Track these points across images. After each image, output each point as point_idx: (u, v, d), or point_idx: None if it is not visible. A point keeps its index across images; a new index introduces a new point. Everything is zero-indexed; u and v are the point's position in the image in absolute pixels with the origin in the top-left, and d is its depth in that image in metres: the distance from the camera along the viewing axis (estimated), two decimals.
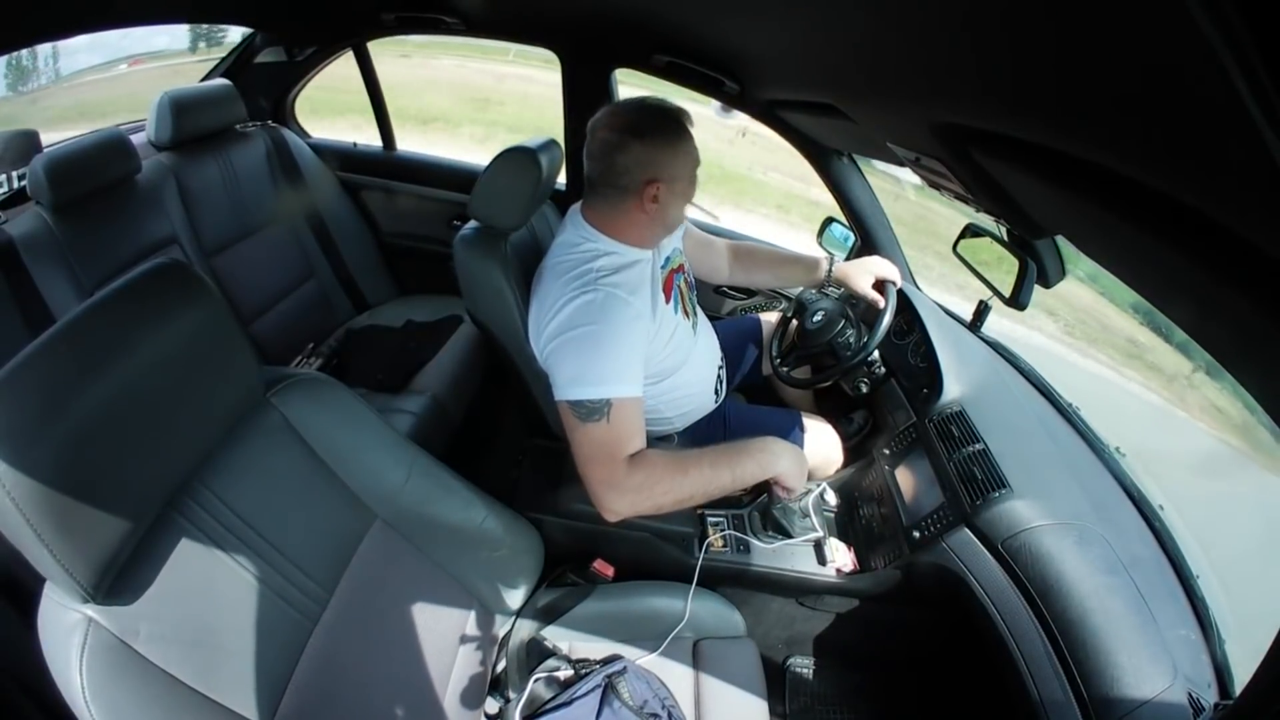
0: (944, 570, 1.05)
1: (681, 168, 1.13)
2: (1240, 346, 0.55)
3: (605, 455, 1.04)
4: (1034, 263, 1.16)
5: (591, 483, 1.05)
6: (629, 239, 1.17)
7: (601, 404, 1.03)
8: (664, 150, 1.10)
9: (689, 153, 1.13)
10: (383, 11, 1.85)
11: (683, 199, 1.16)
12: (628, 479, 1.04)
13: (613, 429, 1.04)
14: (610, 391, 1.04)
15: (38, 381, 0.58)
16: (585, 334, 1.06)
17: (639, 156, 1.10)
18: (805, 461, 1.20)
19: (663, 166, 1.11)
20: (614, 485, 1.04)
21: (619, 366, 1.06)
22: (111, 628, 0.65)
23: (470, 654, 1.06)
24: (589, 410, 1.03)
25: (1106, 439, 1.29)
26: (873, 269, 1.48)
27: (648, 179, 1.10)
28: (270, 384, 0.88)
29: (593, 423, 1.03)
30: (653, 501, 1.06)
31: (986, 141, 0.72)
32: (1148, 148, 0.45)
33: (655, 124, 1.11)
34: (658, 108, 1.13)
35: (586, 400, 1.03)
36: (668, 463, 1.08)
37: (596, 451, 1.04)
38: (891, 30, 0.65)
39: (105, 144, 1.53)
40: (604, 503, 1.05)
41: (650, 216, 1.14)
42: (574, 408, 1.04)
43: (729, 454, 1.12)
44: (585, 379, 1.04)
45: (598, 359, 1.05)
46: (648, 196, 1.11)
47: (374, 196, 2.30)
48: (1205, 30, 0.28)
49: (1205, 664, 0.93)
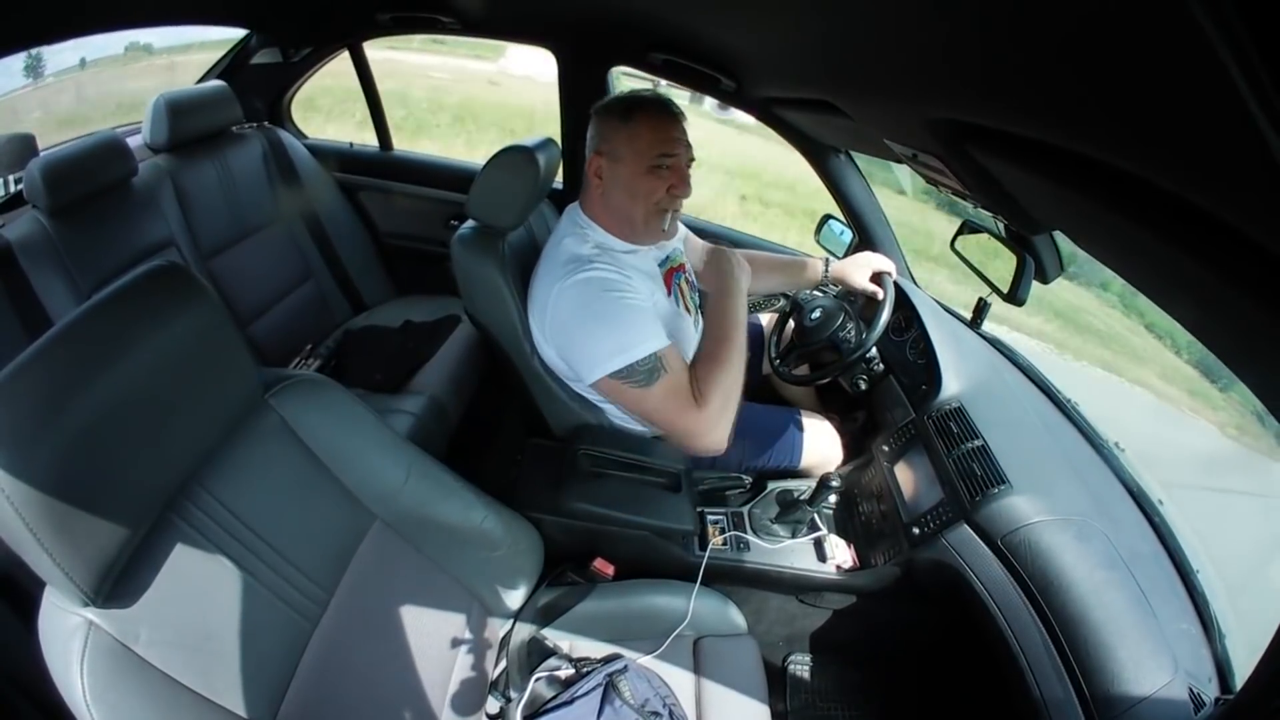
0: (943, 566, 1.05)
1: (624, 146, 1.13)
2: (1241, 343, 0.55)
3: (685, 401, 1.08)
4: (1032, 258, 1.16)
5: (687, 433, 1.08)
6: (608, 227, 1.19)
7: (653, 359, 1.06)
8: (609, 124, 1.15)
9: (637, 135, 1.12)
10: (378, 12, 1.84)
11: (628, 187, 1.14)
12: (711, 410, 1.08)
13: (674, 376, 1.08)
14: (653, 345, 1.06)
15: (35, 385, 0.58)
16: (595, 310, 1.07)
17: (593, 129, 1.17)
18: (738, 258, 1.26)
19: (604, 139, 1.15)
20: (708, 423, 1.08)
21: (644, 324, 1.08)
22: (112, 631, 0.65)
23: (471, 654, 1.06)
24: (647, 371, 1.05)
25: (1105, 434, 1.29)
26: (868, 263, 1.49)
27: (593, 151, 1.16)
28: (268, 385, 0.87)
29: (657, 381, 1.06)
30: (733, 409, 1.11)
31: (984, 137, 0.72)
32: (1147, 144, 0.45)
33: (615, 102, 1.16)
34: (630, 93, 1.18)
35: (637, 363, 1.05)
36: (713, 370, 1.11)
37: (677, 403, 1.07)
38: (888, 26, 0.65)
39: (102, 147, 1.52)
40: (709, 444, 1.09)
41: (599, 196, 1.18)
42: (627, 377, 1.05)
43: (719, 321, 1.17)
44: (623, 346, 1.06)
45: (621, 324, 1.07)
46: (592, 168, 1.16)
47: (371, 197, 2.30)
48: (1205, 27, 0.28)
49: (1206, 659, 0.93)
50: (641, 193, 1.14)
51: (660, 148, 1.13)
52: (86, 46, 3.81)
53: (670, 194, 1.15)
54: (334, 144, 2.32)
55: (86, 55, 4.33)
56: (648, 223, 1.17)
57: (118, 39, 4.22)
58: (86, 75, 4.63)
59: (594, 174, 1.16)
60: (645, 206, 1.15)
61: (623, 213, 1.17)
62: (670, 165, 1.14)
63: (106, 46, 4.57)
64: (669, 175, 1.14)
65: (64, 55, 4.15)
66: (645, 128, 1.13)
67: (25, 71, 3.70)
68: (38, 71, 3.93)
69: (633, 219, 1.17)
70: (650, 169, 1.13)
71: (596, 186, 1.17)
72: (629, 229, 1.20)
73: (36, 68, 3.86)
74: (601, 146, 1.15)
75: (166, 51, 4.72)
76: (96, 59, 4.69)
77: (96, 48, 4.32)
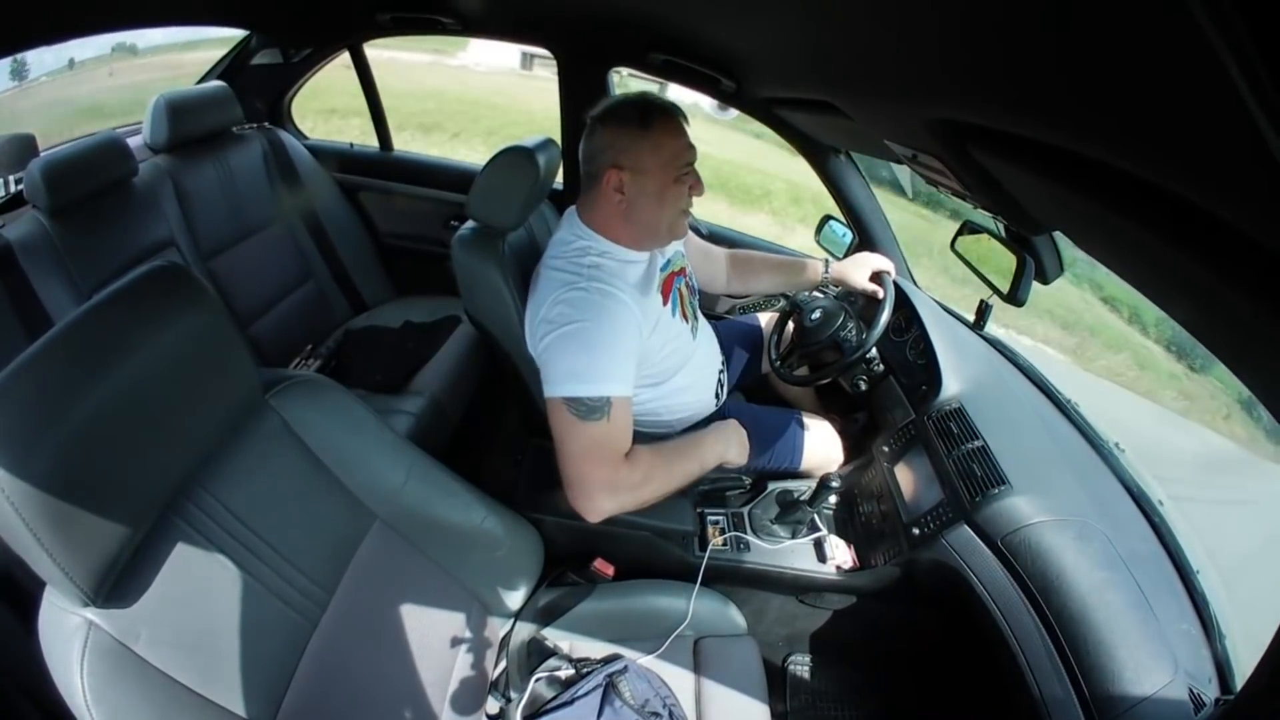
0: (944, 567, 1.05)
1: (650, 159, 1.09)
2: (1241, 343, 0.55)
3: (607, 454, 1.04)
4: (1032, 259, 1.16)
5: (587, 483, 1.03)
6: (618, 238, 1.16)
7: (602, 402, 1.02)
8: (626, 136, 1.09)
9: (662, 146, 1.09)
10: (378, 12, 1.84)
11: (657, 198, 1.12)
12: (627, 477, 1.04)
13: (613, 428, 1.03)
14: (610, 389, 1.03)
15: (36, 386, 0.58)
16: (578, 329, 1.05)
17: (602, 140, 1.11)
18: (744, 438, 1.24)
19: (623, 152, 1.09)
20: (612, 484, 1.03)
21: (615, 364, 1.05)
22: (112, 631, 0.65)
23: (471, 654, 1.06)
24: (590, 408, 1.02)
25: (1106, 435, 1.29)
26: (868, 263, 1.49)
27: (609, 164, 1.10)
28: (268, 386, 0.88)
29: (593, 421, 1.02)
30: (640, 498, 1.07)
31: (984, 138, 0.72)
32: (1147, 144, 0.45)
33: (625, 111, 1.10)
34: (637, 98, 1.12)
35: (586, 398, 1.02)
36: (654, 458, 1.09)
37: (597, 451, 1.03)
38: (889, 27, 0.65)
39: (102, 147, 1.52)
40: (596, 503, 1.03)
41: (620, 211, 1.13)
42: (572, 405, 1.02)
43: (692, 445, 1.16)
44: (584, 375, 1.03)
45: (595, 356, 1.04)
46: (611, 184, 1.10)
47: (371, 197, 2.30)
48: (1205, 27, 0.28)
49: (1206, 659, 0.93)
50: (669, 201, 1.13)
51: (684, 155, 1.12)
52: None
53: (691, 195, 1.15)
54: (334, 144, 2.33)
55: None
56: (673, 228, 1.17)
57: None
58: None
59: (614, 189, 1.11)
60: (672, 213, 1.14)
61: (649, 223, 1.15)
62: (691, 169, 1.14)
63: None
64: (689, 178, 1.14)
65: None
66: (667, 136, 1.10)
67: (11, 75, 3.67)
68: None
69: (658, 228, 1.16)
70: (677, 178, 1.12)
71: (618, 201, 1.12)
72: (651, 237, 1.18)
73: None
74: (621, 160, 1.09)
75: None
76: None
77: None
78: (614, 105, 1.12)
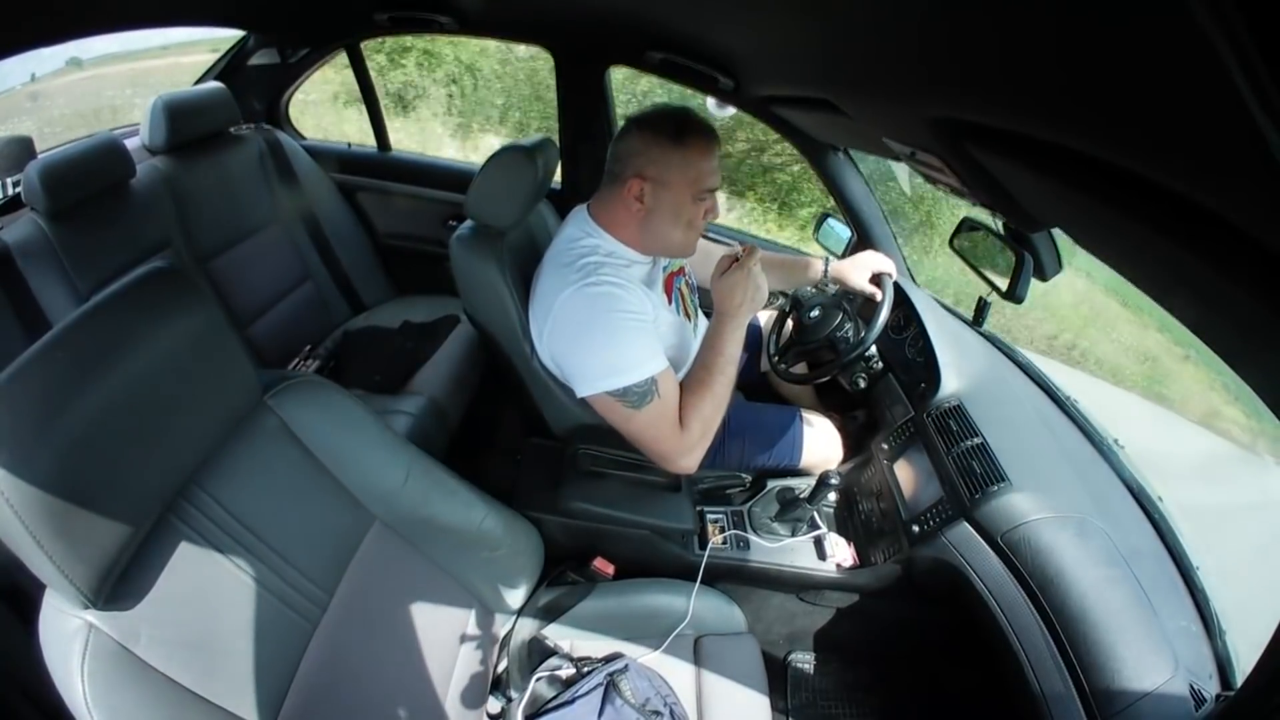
0: (944, 564, 1.05)
1: (677, 174, 1.08)
2: (1242, 341, 0.55)
3: (668, 427, 1.10)
4: (1030, 256, 1.16)
5: (667, 454, 1.12)
6: (626, 239, 1.16)
7: (648, 384, 1.06)
8: (658, 146, 1.08)
9: (691, 164, 1.08)
10: (376, 12, 1.84)
11: (674, 214, 1.11)
12: (691, 436, 1.11)
13: (665, 402, 1.09)
14: (650, 369, 1.07)
15: (34, 388, 0.58)
16: (597, 325, 1.06)
17: (634, 145, 1.10)
18: (744, 278, 1.13)
19: (652, 162, 1.08)
20: (685, 448, 1.11)
21: (643, 346, 1.08)
22: (112, 633, 0.65)
23: (471, 654, 1.06)
24: (641, 394, 1.06)
25: (1105, 432, 1.29)
26: (868, 264, 1.48)
27: (635, 172, 1.09)
28: (267, 387, 0.87)
29: (648, 405, 1.07)
30: (710, 437, 1.14)
31: (982, 135, 0.72)
32: (1145, 141, 0.45)
33: (662, 122, 1.09)
34: (678, 110, 1.11)
35: (633, 386, 1.06)
36: (700, 397, 1.13)
37: (660, 428, 1.09)
38: (887, 24, 0.65)
39: (99, 149, 1.52)
40: (680, 466, 1.13)
41: (636, 217, 1.12)
42: (622, 397, 1.06)
43: (713, 350, 1.15)
44: (621, 366, 1.06)
45: (625, 344, 1.07)
46: (632, 191, 1.10)
47: (369, 198, 2.29)
48: (1205, 27, 0.28)
49: (1206, 655, 0.93)
50: (685, 218, 1.12)
51: (709, 179, 1.10)
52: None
53: (706, 218, 1.15)
54: (332, 145, 2.32)
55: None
56: (684, 245, 1.17)
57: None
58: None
59: (634, 196, 1.10)
60: (685, 231, 1.14)
61: (661, 236, 1.14)
62: (712, 195, 1.13)
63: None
64: (709, 201, 1.13)
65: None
66: (698, 155, 1.08)
67: None
68: None
69: (669, 242, 1.16)
70: (696, 199, 1.11)
71: (636, 209, 1.11)
72: (660, 248, 1.19)
73: None
74: (648, 170, 1.09)
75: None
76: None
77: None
78: (654, 113, 1.12)
